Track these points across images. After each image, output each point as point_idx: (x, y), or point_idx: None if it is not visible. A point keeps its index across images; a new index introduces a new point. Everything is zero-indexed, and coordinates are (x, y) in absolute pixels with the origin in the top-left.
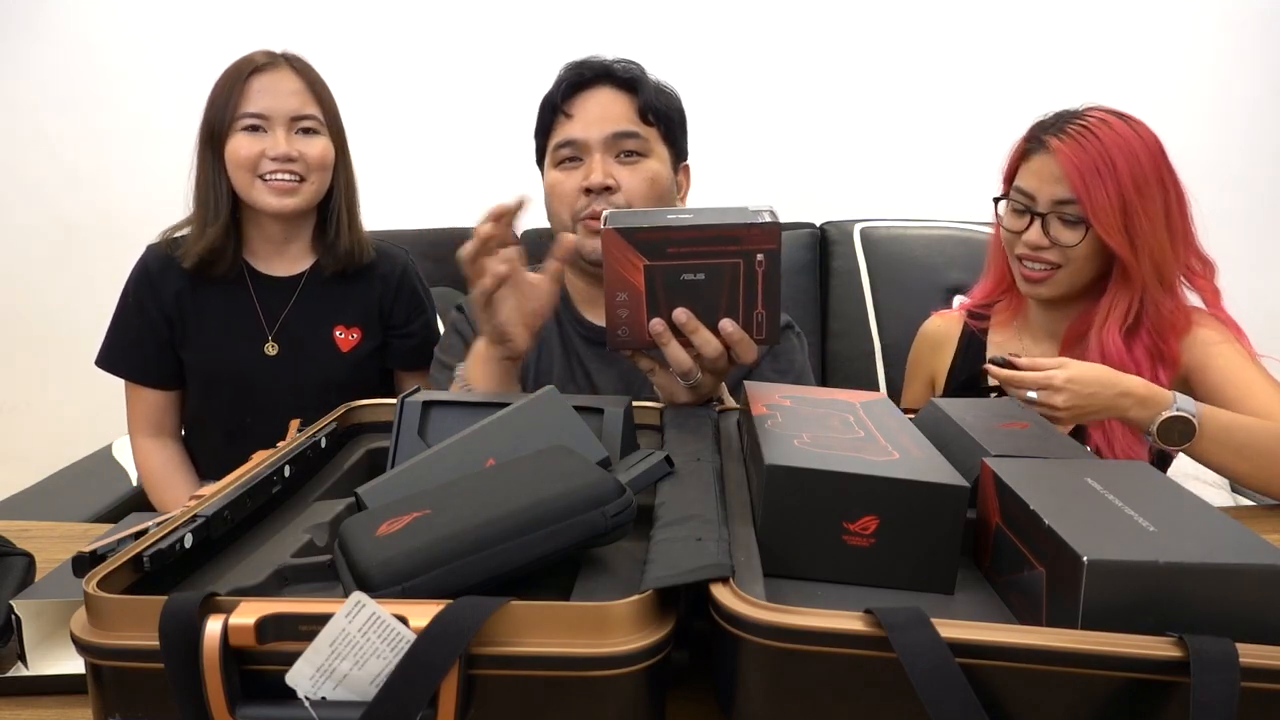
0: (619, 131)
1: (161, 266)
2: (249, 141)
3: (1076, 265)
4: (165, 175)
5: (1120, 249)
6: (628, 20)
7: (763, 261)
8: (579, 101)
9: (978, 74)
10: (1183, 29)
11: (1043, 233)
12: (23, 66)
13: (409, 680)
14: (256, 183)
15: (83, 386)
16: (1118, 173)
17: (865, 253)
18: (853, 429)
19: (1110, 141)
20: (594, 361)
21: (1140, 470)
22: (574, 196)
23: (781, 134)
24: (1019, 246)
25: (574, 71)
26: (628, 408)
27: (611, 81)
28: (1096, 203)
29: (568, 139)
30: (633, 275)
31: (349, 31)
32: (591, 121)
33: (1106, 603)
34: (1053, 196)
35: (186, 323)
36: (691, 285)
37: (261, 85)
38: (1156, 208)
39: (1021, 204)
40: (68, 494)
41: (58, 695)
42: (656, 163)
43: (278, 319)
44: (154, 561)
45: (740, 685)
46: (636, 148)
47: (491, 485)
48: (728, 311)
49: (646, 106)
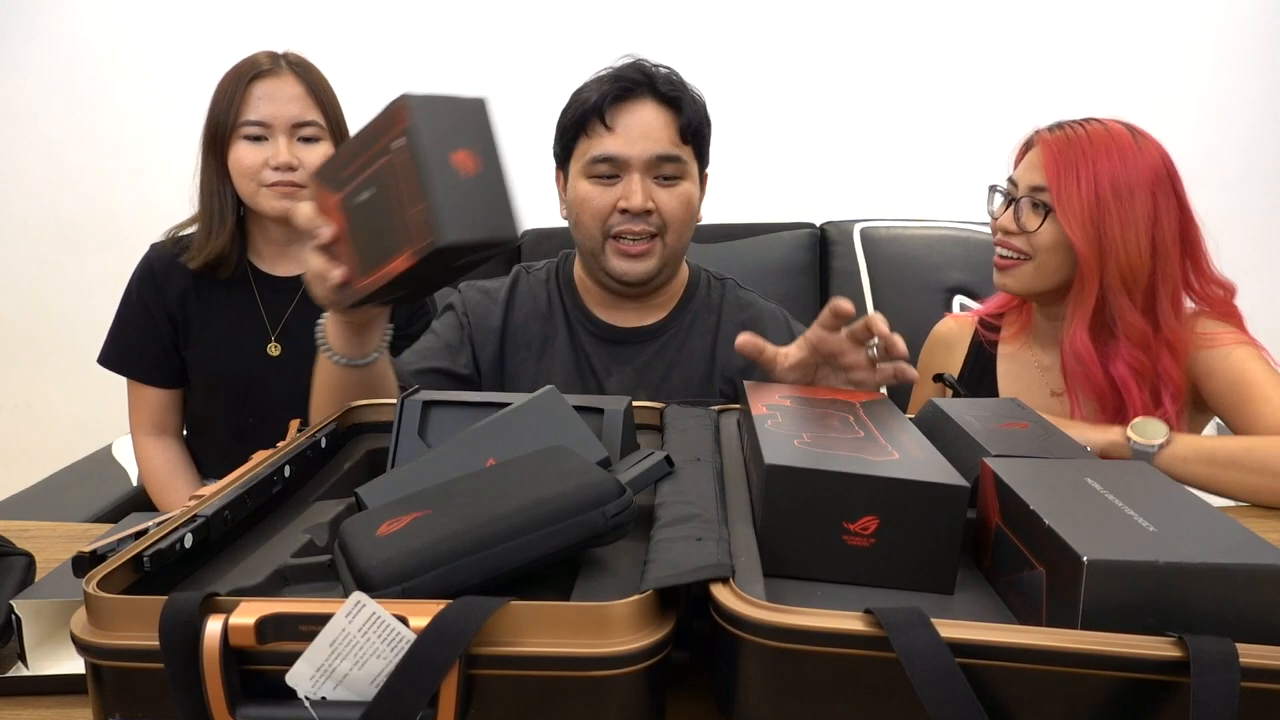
0: (661, 154)
1: (166, 265)
2: (251, 151)
3: (1041, 258)
4: (165, 176)
5: (1078, 242)
6: (628, 21)
7: (402, 149)
8: (621, 115)
9: (978, 74)
10: (1183, 29)
11: (1014, 217)
12: (22, 67)
13: (409, 680)
14: (261, 190)
15: (83, 386)
16: (1096, 170)
17: (865, 253)
18: (853, 429)
19: (1099, 142)
20: (603, 360)
21: (1140, 470)
22: (607, 213)
23: (781, 134)
24: (996, 233)
25: (617, 82)
26: (628, 408)
27: (654, 95)
28: (1065, 192)
29: (608, 155)
30: (335, 216)
31: (349, 32)
32: (635, 139)
33: (1106, 603)
34: (1030, 183)
35: (190, 322)
36: (368, 206)
37: (263, 91)
38: (1137, 216)
39: (1006, 191)
40: (68, 494)
41: (58, 695)
42: (690, 184)
43: (281, 319)
44: (154, 561)
45: (740, 685)
46: (675, 171)
47: (491, 485)
48: (406, 223)
49: (687, 126)
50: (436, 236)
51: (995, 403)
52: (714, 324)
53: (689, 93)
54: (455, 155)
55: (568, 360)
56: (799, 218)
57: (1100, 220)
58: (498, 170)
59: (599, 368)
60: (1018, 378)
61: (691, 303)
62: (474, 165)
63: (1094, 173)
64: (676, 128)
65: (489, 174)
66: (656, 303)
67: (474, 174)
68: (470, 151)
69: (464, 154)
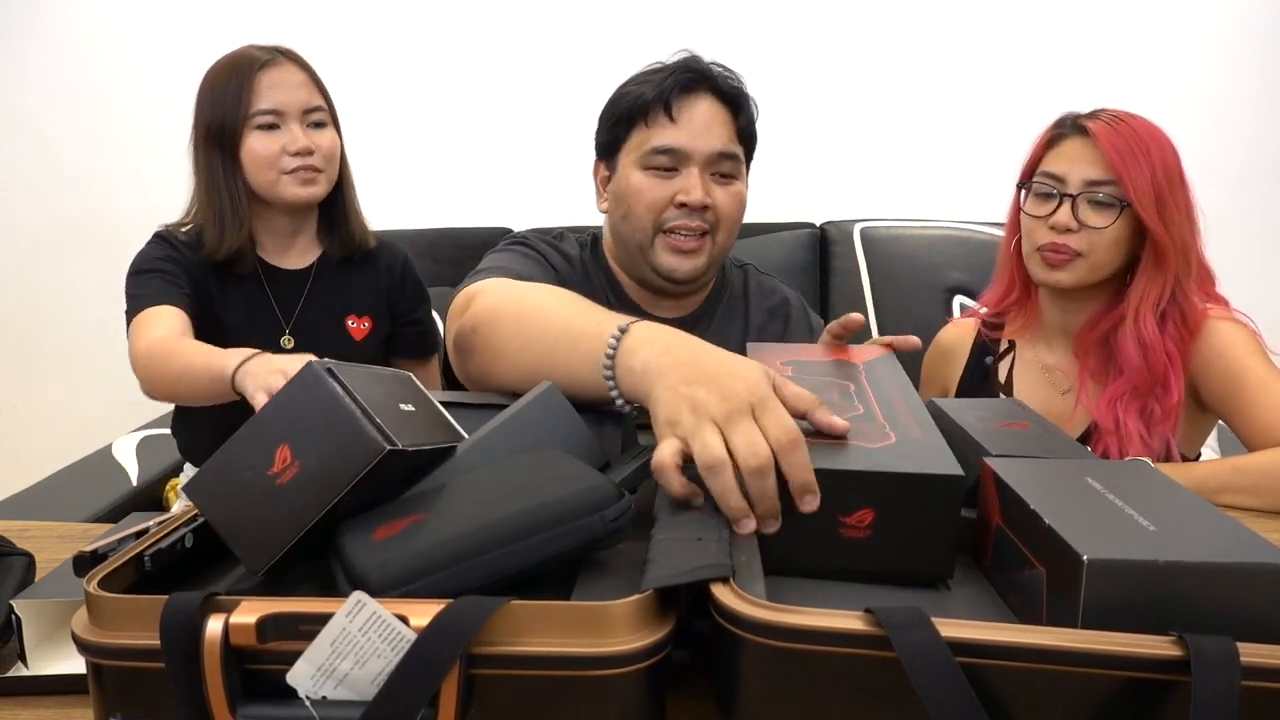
0: (722, 151)
1: (185, 244)
2: (267, 139)
3: (1100, 253)
4: (165, 175)
5: (1157, 230)
6: (627, 22)
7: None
8: (685, 107)
9: (978, 74)
10: (1183, 29)
11: (1071, 214)
12: (22, 67)
13: (409, 680)
14: (281, 178)
15: (83, 386)
16: (1152, 158)
17: (865, 253)
18: (852, 403)
19: (1143, 130)
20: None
21: (1140, 470)
22: (663, 206)
23: (781, 134)
24: (1042, 234)
25: (683, 71)
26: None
27: (715, 92)
28: (1136, 182)
29: (669, 146)
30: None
31: (348, 32)
32: (698, 133)
33: (1106, 602)
34: (1085, 177)
35: (205, 308)
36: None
37: (271, 81)
38: (1183, 200)
39: (1049, 187)
40: (68, 494)
41: (58, 695)
42: (742, 185)
43: (293, 312)
44: (155, 561)
45: (740, 685)
46: (732, 170)
47: (489, 489)
48: None
49: (746, 126)
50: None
51: (995, 403)
52: (743, 311)
53: (748, 95)
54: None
55: None
56: (799, 218)
57: (1163, 207)
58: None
59: None
60: (1021, 378)
61: (724, 291)
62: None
63: (1150, 160)
64: (735, 126)
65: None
66: (692, 290)
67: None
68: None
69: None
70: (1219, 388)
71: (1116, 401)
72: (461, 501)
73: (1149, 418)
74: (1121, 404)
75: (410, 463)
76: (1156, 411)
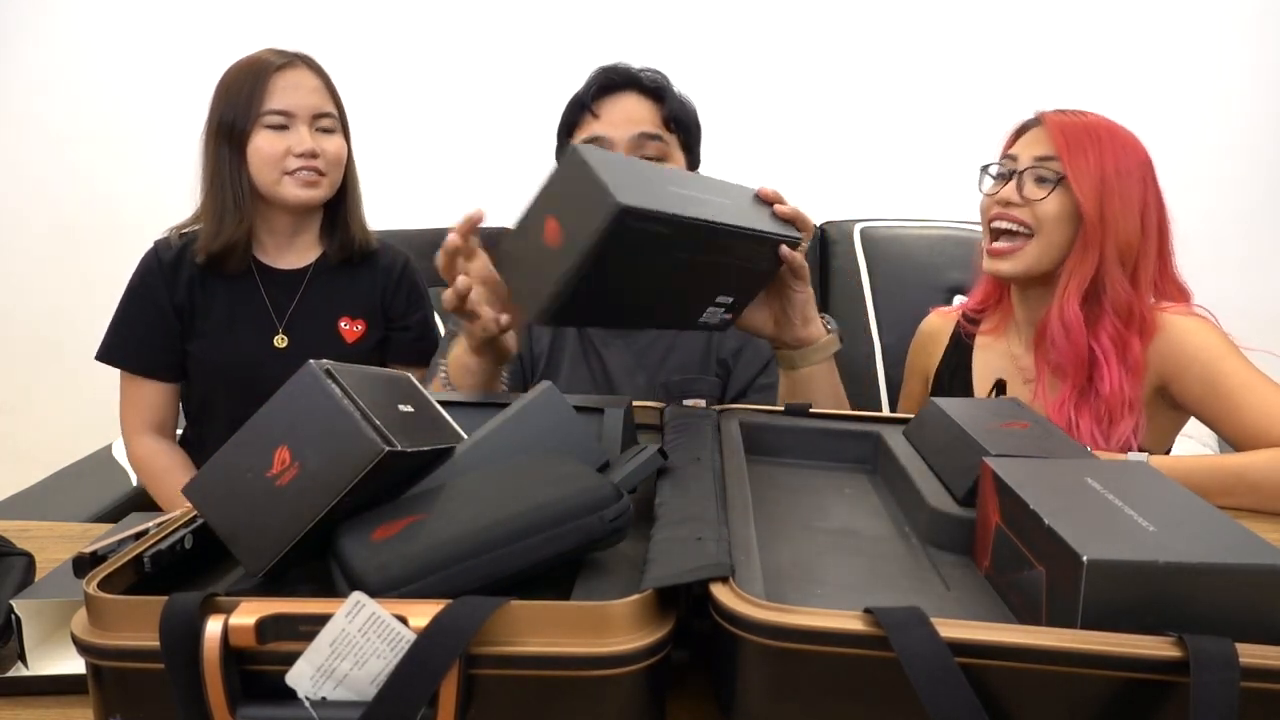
0: (644, 132)
1: (173, 258)
2: (274, 139)
3: (1046, 232)
4: (165, 175)
5: (1088, 208)
6: (628, 22)
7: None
8: (607, 103)
9: (977, 74)
10: (1183, 29)
11: (1016, 189)
12: (23, 67)
13: (409, 680)
14: (284, 179)
15: (83, 386)
16: (1101, 148)
17: (865, 253)
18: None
19: (1098, 125)
20: (603, 337)
21: (1140, 470)
22: None
23: (781, 134)
24: (992, 209)
25: (604, 75)
26: (628, 408)
27: (639, 89)
28: (1075, 161)
29: (594, 136)
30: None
31: (350, 32)
32: (618, 122)
33: (1106, 602)
34: (1033, 154)
35: (195, 315)
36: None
37: (285, 83)
38: (1133, 198)
39: (1003, 168)
40: (68, 494)
41: (58, 695)
42: (676, 166)
43: (286, 312)
44: (154, 562)
45: (740, 685)
46: (659, 152)
47: (488, 490)
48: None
49: (670, 115)
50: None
51: (995, 403)
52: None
53: (673, 89)
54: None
55: (574, 345)
56: None
57: (1104, 193)
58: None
59: (604, 354)
60: (990, 365)
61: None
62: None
63: (1099, 149)
64: (660, 115)
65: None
66: None
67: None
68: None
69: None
70: (1198, 390)
71: (1066, 402)
72: (460, 502)
73: (1100, 419)
74: (1072, 405)
75: (409, 464)
76: (1105, 412)
